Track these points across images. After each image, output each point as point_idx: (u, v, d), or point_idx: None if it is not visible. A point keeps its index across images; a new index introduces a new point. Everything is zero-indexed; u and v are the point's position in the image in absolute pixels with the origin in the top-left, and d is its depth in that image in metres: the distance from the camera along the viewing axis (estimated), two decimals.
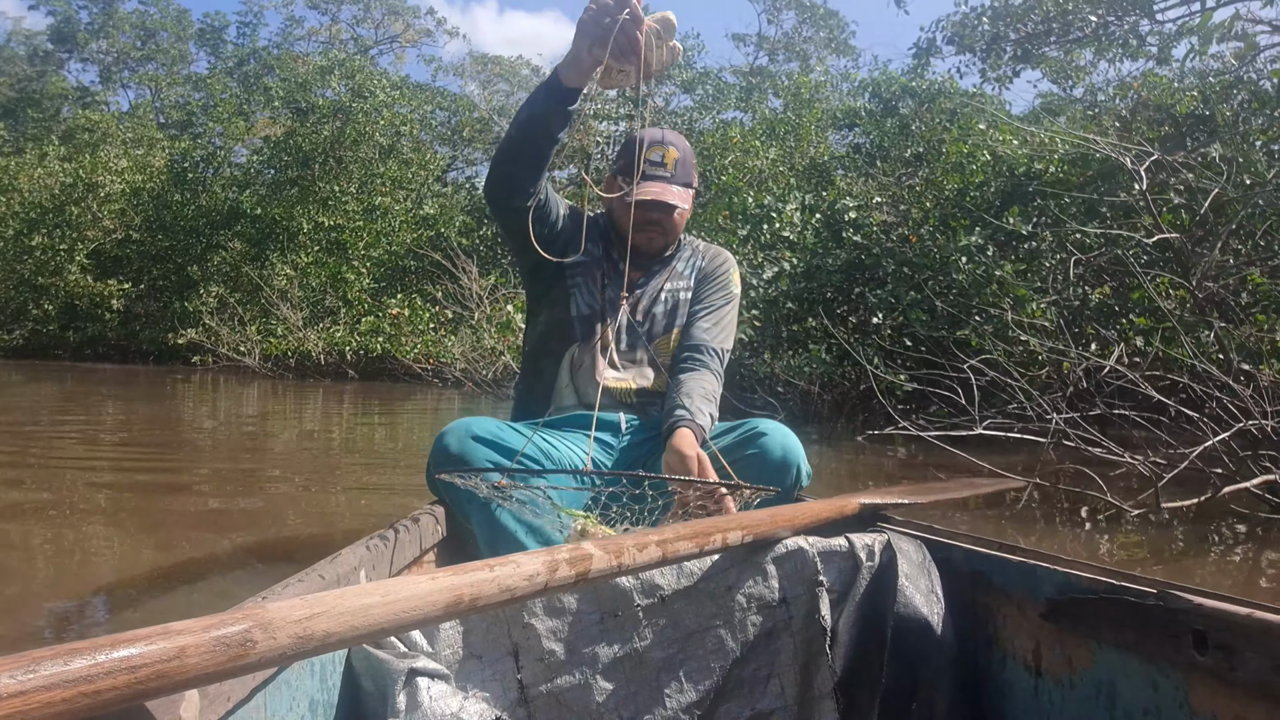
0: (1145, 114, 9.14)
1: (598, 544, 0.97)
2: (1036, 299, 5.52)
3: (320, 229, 18.21)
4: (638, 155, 1.88)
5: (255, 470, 4.57)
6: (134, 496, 3.70)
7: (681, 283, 2.03)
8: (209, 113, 26.61)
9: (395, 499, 3.63)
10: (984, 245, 7.66)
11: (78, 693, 0.54)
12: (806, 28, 23.35)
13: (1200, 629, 0.90)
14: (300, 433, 6.84)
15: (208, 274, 18.63)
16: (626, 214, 1.86)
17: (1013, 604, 1.20)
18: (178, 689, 0.61)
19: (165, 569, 2.57)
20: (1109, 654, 1.04)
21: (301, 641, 0.68)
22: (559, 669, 1.18)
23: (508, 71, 29.25)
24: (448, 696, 0.98)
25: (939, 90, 13.48)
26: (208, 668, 0.62)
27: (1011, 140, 10.61)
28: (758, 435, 1.72)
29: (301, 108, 19.74)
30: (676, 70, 17.15)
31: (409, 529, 1.45)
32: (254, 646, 0.65)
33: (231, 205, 19.55)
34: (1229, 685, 0.88)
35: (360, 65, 21.26)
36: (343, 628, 0.70)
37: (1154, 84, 10.51)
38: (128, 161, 21.07)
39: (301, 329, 14.45)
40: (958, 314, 6.27)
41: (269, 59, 32.95)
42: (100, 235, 19.97)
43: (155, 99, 32.49)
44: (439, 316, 13.54)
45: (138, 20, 34.30)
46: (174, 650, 0.60)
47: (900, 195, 11.58)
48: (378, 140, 19.10)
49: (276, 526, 3.15)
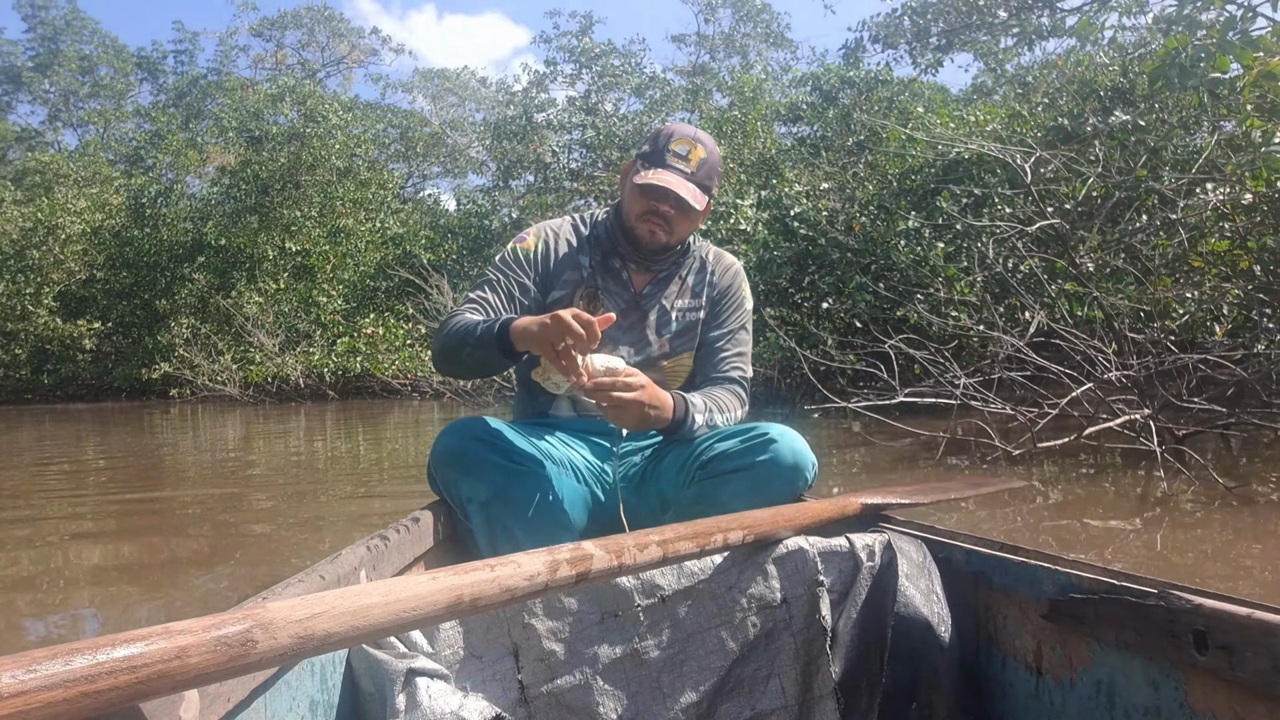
0: (1070, 89, 9.78)
1: (598, 544, 0.99)
2: (963, 278, 6.11)
3: (286, 254, 18.46)
4: (662, 141, 1.82)
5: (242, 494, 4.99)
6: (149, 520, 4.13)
7: (693, 301, 1.96)
8: (158, 145, 26.70)
9: (389, 503, 4.09)
10: (920, 228, 8.28)
11: (79, 692, 0.54)
12: (743, 24, 23.94)
13: (1201, 629, 0.90)
14: (294, 452, 7.25)
15: (176, 306, 18.80)
16: (634, 200, 1.82)
17: (1013, 604, 1.20)
18: (179, 689, 0.61)
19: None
20: (1109, 654, 1.04)
21: (302, 641, 0.68)
22: (559, 669, 1.18)
23: (456, 85, 29.54)
24: (448, 696, 0.98)
25: (876, 79, 14.14)
26: (209, 667, 0.62)
27: (948, 123, 11.25)
28: (768, 442, 1.66)
29: (255, 136, 19.93)
30: (625, 76, 17.64)
31: (409, 529, 1.45)
32: (255, 646, 0.65)
33: (194, 237, 19.69)
34: (1229, 685, 0.88)
35: (310, 90, 21.45)
36: (343, 628, 0.71)
37: (1077, 61, 11.22)
38: (85, 201, 21.15)
39: (279, 354, 14.75)
40: (897, 295, 6.86)
41: (208, 86, 32.97)
42: (64, 277, 20.04)
43: (103, 135, 32.35)
44: (413, 333, 13.94)
45: (79, 56, 34.10)
46: (175, 650, 0.60)
47: (845, 182, 12.18)
48: (334, 164, 19.36)
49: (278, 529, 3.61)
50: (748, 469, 1.64)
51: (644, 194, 1.80)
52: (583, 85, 17.51)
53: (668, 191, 1.77)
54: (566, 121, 16.75)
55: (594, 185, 15.41)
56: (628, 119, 16.29)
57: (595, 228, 1.95)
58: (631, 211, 1.82)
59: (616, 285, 1.91)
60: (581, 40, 17.85)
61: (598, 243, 1.92)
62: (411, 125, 28.48)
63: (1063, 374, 3.50)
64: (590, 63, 17.31)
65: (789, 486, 1.65)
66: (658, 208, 1.80)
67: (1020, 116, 9.79)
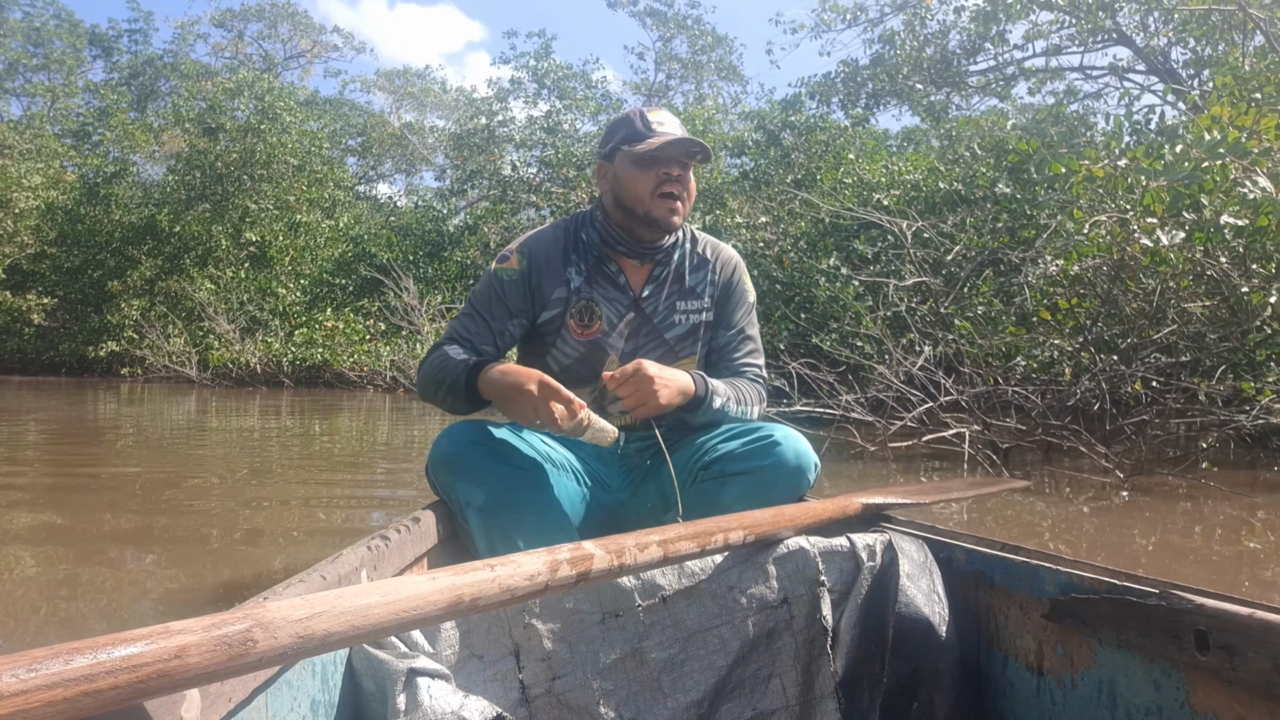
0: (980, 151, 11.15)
1: (598, 544, 1.00)
2: (869, 314, 7.26)
3: (240, 245, 18.89)
4: (637, 119, 1.75)
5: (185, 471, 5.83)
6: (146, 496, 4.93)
7: (697, 302, 1.88)
8: (105, 122, 26.72)
9: (338, 490, 4.95)
10: (839, 266, 9.47)
11: (79, 691, 0.55)
12: (699, 55, 25.18)
13: (1202, 629, 0.90)
14: (248, 429, 8.02)
15: (127, 287, 19.08)
16: (639, 180, 1.72)
17: (1015, 604, 1.20)
18: (179, 688, 0.62)
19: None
20: (1111, 654, 1.04)
21: (302, 641, 0.69)
22: (560, 669, 1.18)
23: (418, 91, 30.17)
24: (448, 696, 0.98)
25: (815, 124, 15.41)
26: (209, 667, 0.63)
27: (877, 171, 12.53)
28: (772, 444, 1.64)
29: (211, 127, 20.22)
30: (584, 101, 18.65)
31: (409, 529, 1.45)
32: (255, 646, 0.66)
33: (146, 221, 19.95)
34: (1230, 685, 0.88)
35: (269, 85, 21.75)
36: (343, 627, 0.72)
37: (993, 119, 12.66)
38: (40, 178, 21.23)
39: (240, 341, 15.31)
40: (814, 325, 8.01)
41: (163, 68, 32.92)
42: (15, 250, 20.14)
43: (50, 109, 32.01)
44: (372, 328, 14.70)
45: (28, 27, 33.65)
46: (175, 649, 0.61)
47: (781, 217, 13.36)
48: (288, 160, 19.67)
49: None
50: (752, 471, 1.62)
51: (651, 163, 1.71)
52: (544, 104, 18.47)
53: (677, 144, 1.70)
54: (528, 139, 17.70)
55: (551, 200, 16.36)
56: (585, 140, 17.32)
57: (584, 231, 1.85)
58: (642, 191, 1.72)
59: (614, 290, 1.83)
60: (543, 62, 18.81)
61: (588, 248, 1.83)
62: (371, 125, 28.98)
63: (910, 394, 4.67)
64: (553, 85, 18.32)
65: (792, 488, 1.65)
66: (669, 171, 1.71)
67: (937, 170, 11.10)
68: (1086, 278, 5.26)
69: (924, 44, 11.44)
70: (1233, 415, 4.38)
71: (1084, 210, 5.02)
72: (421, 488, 4.03)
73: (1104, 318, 5.06)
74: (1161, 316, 4.86)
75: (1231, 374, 5.13)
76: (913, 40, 11.49)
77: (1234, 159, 4.05)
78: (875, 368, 5.13)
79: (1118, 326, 5.09)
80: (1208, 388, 4.64)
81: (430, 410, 10.10)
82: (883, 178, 11.42)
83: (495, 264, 1.84)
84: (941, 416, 4.67)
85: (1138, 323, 5.17)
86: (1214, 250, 4.76)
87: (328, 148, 21.88)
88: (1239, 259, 4.78)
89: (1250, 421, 4.54)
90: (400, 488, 4.34)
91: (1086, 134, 10.53)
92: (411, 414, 9.87)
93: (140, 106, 32.38)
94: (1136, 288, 5.15)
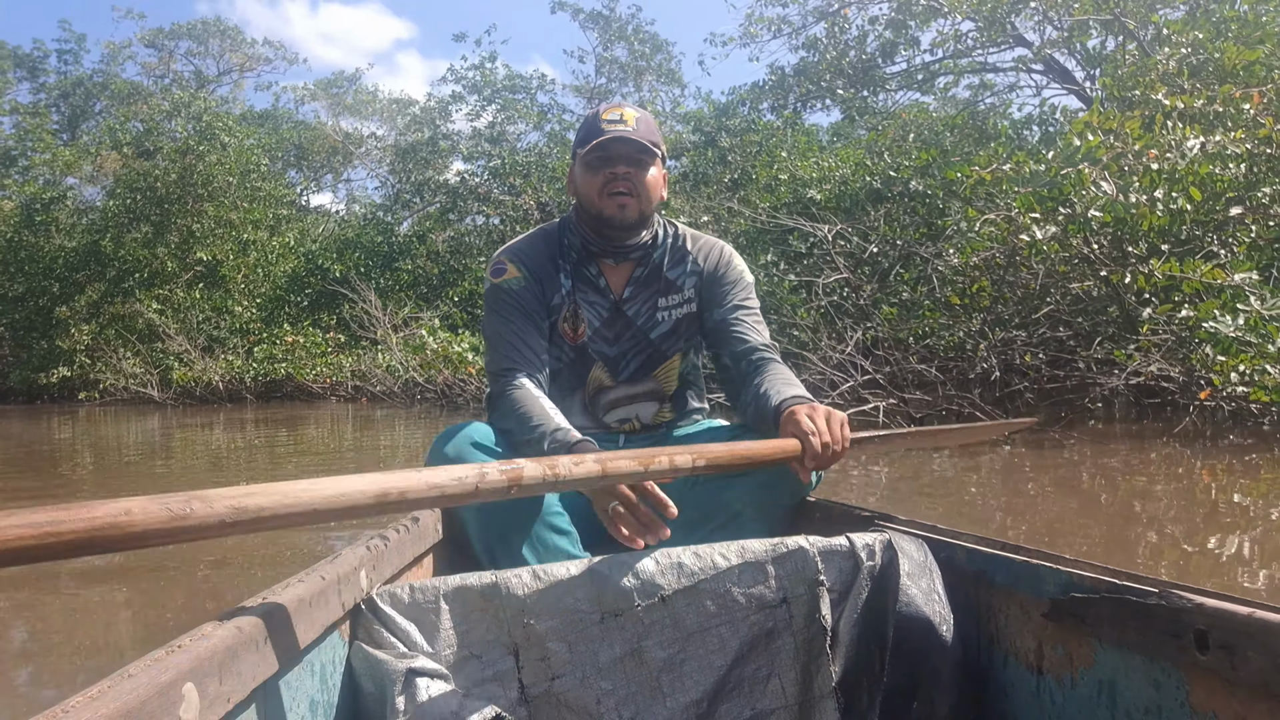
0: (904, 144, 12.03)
1: (530, 460, 1.04)
2: (804, 305, 8.04)
3: (187, 266, 18.98)
4: (592, 120, 1.76)
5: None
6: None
7: (678, 296, 1.86)
8: (31, 144, 26.43)
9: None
10: (777, 261, 10.24)
11: (45, 532, 0.68)
12: (639, 59, 25.84)
13: (1202, 628, 0.90)
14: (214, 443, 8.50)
15: (75, 312, 19.05)
16: (589, 179, 1.74)
17: (1015, 603, 1.21)
18: (127, 542, 0.73)
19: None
20: (1111, 653, 1.04)
21: (237, 513, 0.76)
22: (559, 669, 1.18)
23: (356, 103, 30.32)
24: (448, 696, 0.98)
25: (748, 126, 16.19)
26: (152, 525, 0.74)
27: (808, 167, 13.34)
28: None
29: (148, 150, 20.20)
30: (525, 111, 19.22)
31: (409, 530, 1.46)
32: (192, 513, 0.74)
33: (89, 246, 19.86)
34: (1230, 685, 0.89)
35: (206, 105, 21.70)
36: (274, 505, 0.80)
37: (918, 113, 13.57)
38: None
39: (202, 360, 15.56)
40: None
41: (94, 88, 32.49)
42: None
43: None
44: (332, 340, 15.11)
45: None
46: (123, 509, 0.72)
47: (722, 215, 14.11)
48: (228, 179, 19.59)
49: None
50: (754, 472, 1.57)
51: (597, 164, 1.73)
52: (487, 117, 18.99)
53: (617, 142, 1.70)
54: (474, 150, 18.21)
55: (500, 209, 16.90)
56: (529, 151, 17.90)
57: (565, 235, 1.84)
58: (591, 191, 1.74)
59: (594, 294, 1.83)
60: (485, 76, 19.31)
61: (569, 250, 1.83)
62: (307, 136, 29.01)
63: (834, 376, 5.45)
64: (494, 96, 18.84)
65: (796, 490, 1.62)
66: (615, 171, 1.72)
67: (865, 165, 11.94)
68: (983, 267, 6.09)
69: (844, 50, 12.32)
70: (1096, 378, 5.23)
71: (977, 209, 5.84)
72: None
73: (999, 301, 5.90)
74: (1045, 296, 5.70)
75: (1111, 344, 6.00)
76: (834, 47, 12.35)
77: (1087, 165, 4.87)
78: (807, 356, 5.88)
79: (1011, 308, 5.93)
80: (1085, 355, 5.49)
81: (395, 416, 10.67)
82: (814, 173, 12.21)
83: (494, 279, 1.81)
84: (861, 393, 5.44)
85: (1029, 303, 6.02)
86: (1091, 238, 5.60)
87: (265, 164, 21.83)
88: (1116, 242, 5.63)
89: (1122, 382, 5.40)
90: None
91: (1000, 125, 11.50)
92: (376, 420, 10.38)
93: (72, 127, 31.90)
94: (1028, 273, 5.98)
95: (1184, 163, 4.91)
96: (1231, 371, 4.25)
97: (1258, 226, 5.44)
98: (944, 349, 6.30)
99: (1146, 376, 5.31)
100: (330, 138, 28.83)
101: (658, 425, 1.89)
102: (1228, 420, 5.04)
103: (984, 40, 10.86)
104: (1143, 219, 4.87)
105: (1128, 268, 5.18)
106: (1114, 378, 5.34)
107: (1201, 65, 7.25)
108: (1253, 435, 4.75)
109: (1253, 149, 5.36)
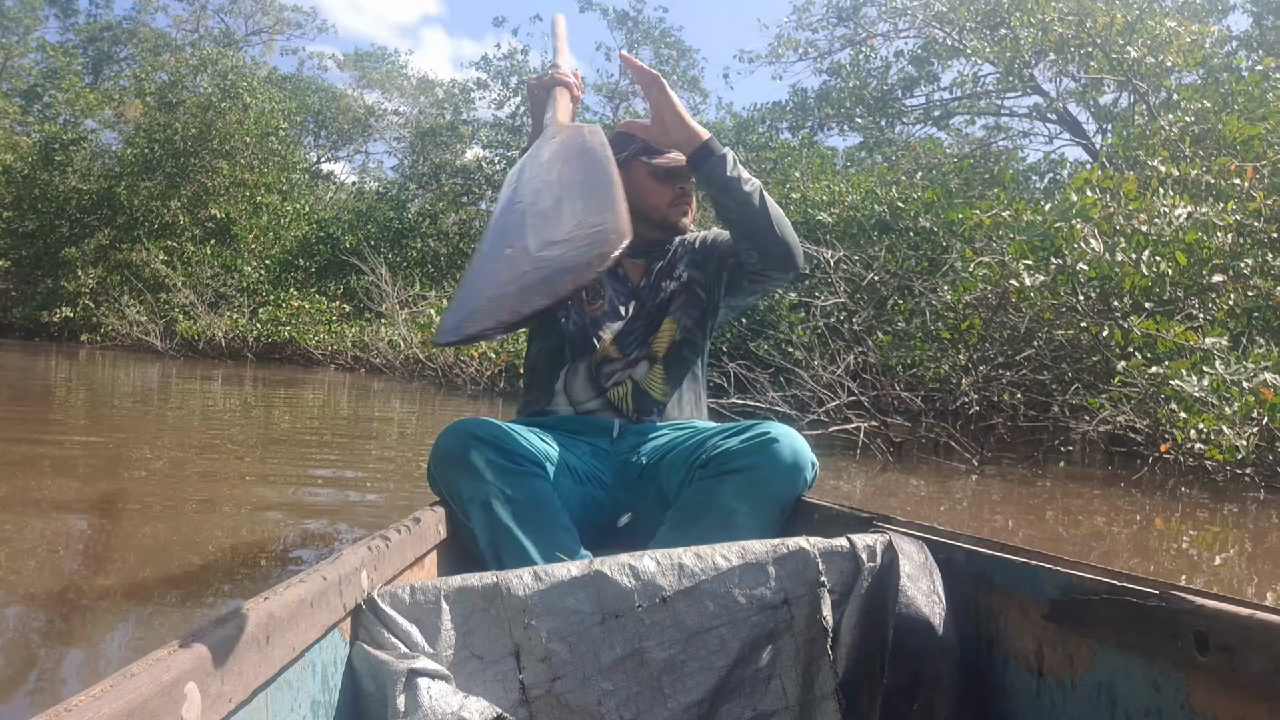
0: (914, 178, 12.34)
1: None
2: (801, 324, 8.33)
3: (198, 220, 19.17)
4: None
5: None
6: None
7: (675, 271, 2.04)
8: (55, 84, 26.56)
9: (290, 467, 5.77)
10: None
11: None
12: (664, 64, 26.08)
13: (1202, 630, 0.90)
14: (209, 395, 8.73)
15: (84, 255, 19.25)
16: (658, 190, 1.94)
17: (1015, 605, 1.21)
18: None
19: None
20: (1110, 655, 1.04)
21: None
22: (560, 669, 1.19)
23: (383, 77, 30.53)
24: (449, 697, 0.99)
25: (764, 143, 16.47)
26: None
27: (820, 190, 13.61)
28: (769, 441, 1.68)
29: (170, 101, 20.36)
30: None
31: (410, 529, 1.47)
32: None
33: (104, 190, 20.05)
34: (1230, 686, 0.89)
35: (233, 63, 21.84)
36: None
37: (931, 150, 13.88)
38: None
39: (208, 315, 15.78)
40: (752, 331, 9.07)
41: (121, 34, 32.65)
42: None
43: (2, 67, 31.53)
44: (338, 310, 15.34)
45: None
46: None
47: None
48: (245, 139, 19.88)
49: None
50: (749, 469, 1.65)
51: (668, 176, 1.94)
52: (510, 107, 19.25)
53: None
54: (493, 139, 18.47)
55: None
56: None
57: None
58: (661, 201, 1.95)
59: (614, 280, 2.02)
60: (515, 66, 19.56)
61: None
62: (328, 104, 29.19)
63: (822, 394, 5.73)
64: (520, 87, 19.10)
65: (790, 486, 1.69)
66: (685, 186, 1.95)
67: (874, 194, 12.23)
68: (975, 305, 6.38)
69: (866, 79, 12.63)
70: (1069, 422, 5.51)
71: (974, 250, 6.12)
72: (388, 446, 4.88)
73: (986, 339, 6.19)
74: (1031, 340, 5.99)
75: (1087, 391, 6.29)
76: (857, 75, 12.66)
77: (1080, 220, 5.16)
78: (799, 372, 6.18)
79: (996, 347, 6.22)
80: (1061, 399, 5.77)
81: (392, 391, 10.90)
82: (825, 195, 12.48)
83: None
84: (846, 413, 5.74)
85: (1015, 344, 6.31)
86: (1078, 290, 5.90)
87: (285, 128, 22.07)
88: (1104, 295, 5.92)
89: (1092, 429, 5.68)
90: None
91: (1012, 169, 11.82)
92: (373, 392, 10.61)
93: (95, 71, 32.06)
94: (1016, 316, 6.27)
95: (1170, 230, 5.20)
96: (1191, 429, 4.54)
97: (1235, 295, 5.74)
98: (929, 379, 6.59)
99: (1115, 425, 5.60)
100: (353, 109, 29.03)
101: (648, 400, 1.97)
102: (1186, 475, 5.32)
103: (1002, 86, 11.18)
104: (1126, 277, 5.16)
105: (1109, 321, 5.47)
106: (1085, 424, 5.62)
107: (1205, 134, 7.56)
108: (1207, 491, 5.03)
109: (1241, 220, 5.66)
